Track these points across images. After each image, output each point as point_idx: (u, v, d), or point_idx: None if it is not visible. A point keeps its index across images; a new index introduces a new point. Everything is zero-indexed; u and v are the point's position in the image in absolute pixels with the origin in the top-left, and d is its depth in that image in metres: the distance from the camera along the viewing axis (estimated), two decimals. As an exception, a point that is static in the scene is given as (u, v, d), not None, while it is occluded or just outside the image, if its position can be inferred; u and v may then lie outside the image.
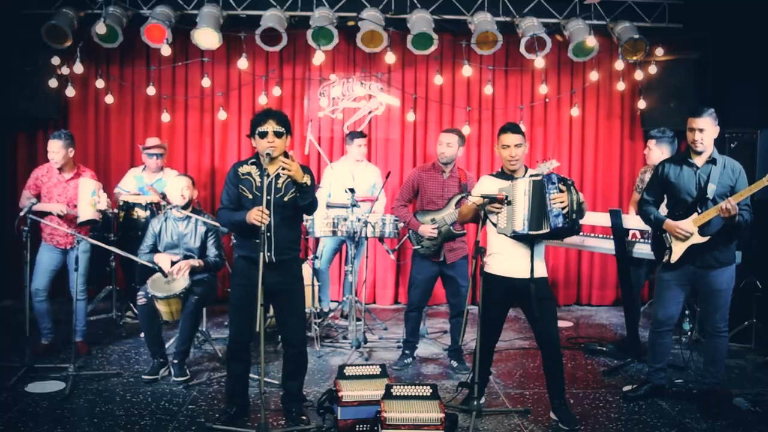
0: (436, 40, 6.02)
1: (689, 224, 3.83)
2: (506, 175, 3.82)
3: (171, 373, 4.36)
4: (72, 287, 4.59)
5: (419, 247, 4.64)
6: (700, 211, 3.80)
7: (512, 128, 3.79)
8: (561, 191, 3.55)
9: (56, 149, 4.71)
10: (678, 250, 3.90)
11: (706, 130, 3.82)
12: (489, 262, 3.77)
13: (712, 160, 3.86)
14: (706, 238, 3.79)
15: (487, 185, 3.82)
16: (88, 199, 4.63)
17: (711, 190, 3.80)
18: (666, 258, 3.96)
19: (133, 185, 5.77)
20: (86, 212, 4.62)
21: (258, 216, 3.37)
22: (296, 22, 6.35)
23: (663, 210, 4.10)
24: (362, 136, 5.97)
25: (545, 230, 3.58)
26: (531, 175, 3.75)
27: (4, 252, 6.43)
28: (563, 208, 3.53)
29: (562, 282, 6.98)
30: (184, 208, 4.61)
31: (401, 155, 6.85)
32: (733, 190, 3.79)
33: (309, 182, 3.51)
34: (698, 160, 3.90)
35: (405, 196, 4.79)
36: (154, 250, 4.59)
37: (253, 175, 3.61)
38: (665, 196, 4.09)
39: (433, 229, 4.54)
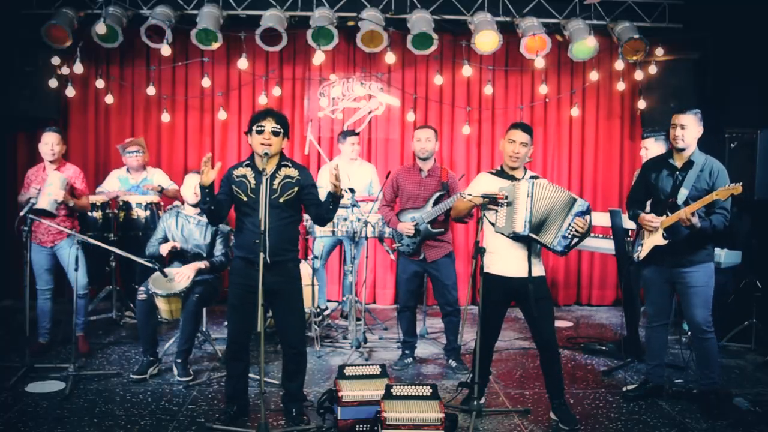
0: (436, 40, 6.03)
1: (657, 218, 3.86)
2: (506, 174, 3.81)
3: (175, 372, 4.36)
4: (73, 285, 4.58)
5: (399, 245, 4.69)
6: (668, 214, 3.81)
7: (523, 126, 3.82)
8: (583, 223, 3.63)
9: (56, 141, 4.74)
10: (645, 248, 3.96)
11: (687, 126, 3.83)
12: (487, 262, 3.75)
13: (690, 163, 3.86)
14: (666, 242, 3.82)
15: (486, 183, 3.81)
16: (45, 188, 4.56)
17: (682, 194, 3.81)
18: (636, 254, 4.02)
19: (117, 186, 5.79)
20: (41, 201, 4.51)
21: (202, 165, 3.45)
22: (296, 22, 6.35)
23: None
24: (355, 134, 5.98)
25: (546, 242, 3.64)
26: (531, 176, 3.76)
27: (4, 252, 6.43)
28: (576, 235, 3.62)
29: (562, 282, 6.98)
30: (197, 204, 4.62)
31: (401, 155, 6.85)
32: (710, 194, 3.75)
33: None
34: (678, 161, 3.91)
35: (387, 196, 4.83)
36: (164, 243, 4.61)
37: (248, 177, 3.59)
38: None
39: (411, 227, 4.57)
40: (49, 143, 4.73)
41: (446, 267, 4.67)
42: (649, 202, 4.12)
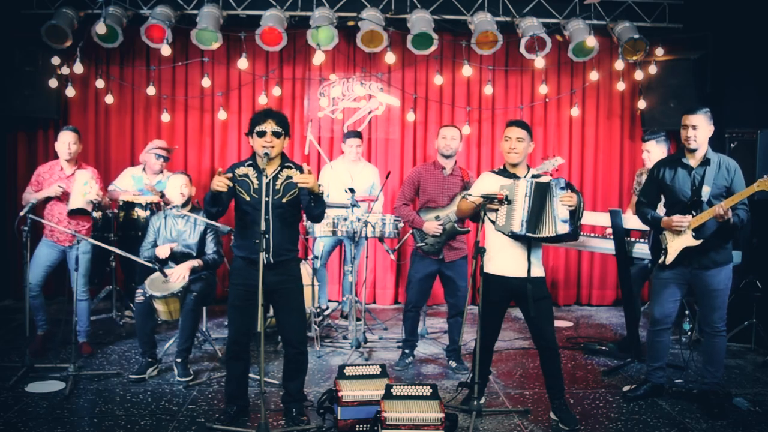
0: (436, 40, 6.02)
1: (686, 218, 3.83)
2: (508, 172, 3.81)
3: (175, 372, 4.36)
4: (73, 287, 4.59)
5: (423, 244, 4.62)
6: (694, 213, 3.81)
7: (518, 123, 3.83)
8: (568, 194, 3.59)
9: (72, 140, 4.77)
10: (673, 251, 3.91)
11: (699, 127, 3.82)
12: (486, 261, 3.75)
13: (706, 161, 3.86)
14: (699, 242, 3.80)
15: (488, 182, 3.81)
16: (80, 188, 4.64)
17: (705, 192, 3.80)
18: (661, 259, 3.97)
19: (131, 184, 5.76)
20: (75, 201, 4.62)
21: (217, 182, 3.38)
22: (296, 22, 6.35)
23: (661, 211, 4.10)
24: (357, 136, 5.96)
25: (549, 234, 3.60)
26: (533, 176, 3.76)
27: (4, 252, 6.42)
28: (570, 208, 3.56)
29: (562, 282, 6.98)
30: (184, 205, 4.62)
31: (401, 155, 6.85)
32: (729, 190, 3.79)
33: (322, 191, 3.56)
34: (692, 161, 3.90)
35: (407, 195, 4.75)
36: (156, 246, 4.60)
37: (251, 177, 3.59)
38: (662, 197, 4.09)
39: (438, 226, 4.55)
40: (66, 142, 4.75)
41: (461, 268, 4.66)
42: (661, 204, 4.11)
